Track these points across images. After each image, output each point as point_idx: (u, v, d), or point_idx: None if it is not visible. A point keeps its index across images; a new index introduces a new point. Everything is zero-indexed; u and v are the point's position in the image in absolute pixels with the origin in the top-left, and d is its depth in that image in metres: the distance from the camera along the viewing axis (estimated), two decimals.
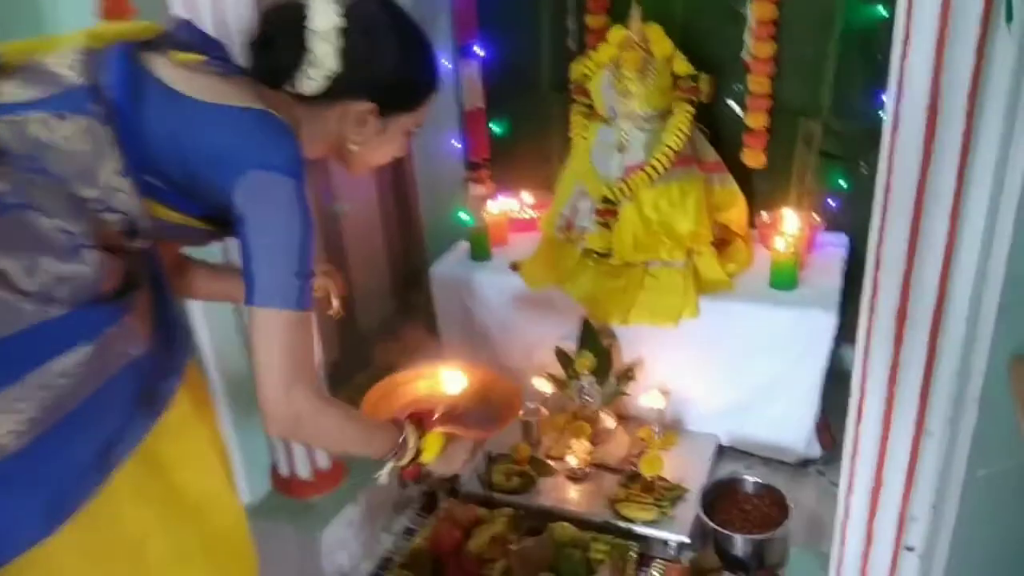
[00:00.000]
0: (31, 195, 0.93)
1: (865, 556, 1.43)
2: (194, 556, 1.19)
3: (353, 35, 1.09)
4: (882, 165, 1.23)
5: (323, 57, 1.08)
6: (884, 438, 1.33)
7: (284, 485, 1.99)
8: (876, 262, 1.27)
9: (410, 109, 1.22)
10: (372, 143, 1.21)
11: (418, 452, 1.26)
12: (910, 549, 1.39)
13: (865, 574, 1.44)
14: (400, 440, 1.23)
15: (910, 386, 1.27)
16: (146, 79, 1.02)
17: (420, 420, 1.32)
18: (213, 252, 1.41)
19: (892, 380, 1.29)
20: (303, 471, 1.94)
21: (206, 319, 1.81)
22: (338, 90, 1.11)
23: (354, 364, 2.73)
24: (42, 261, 0.93)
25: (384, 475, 1.24)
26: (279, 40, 1.10)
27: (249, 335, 1.06)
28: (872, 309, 1.30)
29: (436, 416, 1.38)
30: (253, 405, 1.90)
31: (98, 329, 0.99)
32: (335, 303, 1.65)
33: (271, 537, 1.94)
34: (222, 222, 1.10)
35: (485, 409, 1.57)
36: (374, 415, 1.47)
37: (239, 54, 1.15)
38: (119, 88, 0.99)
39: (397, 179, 2.80)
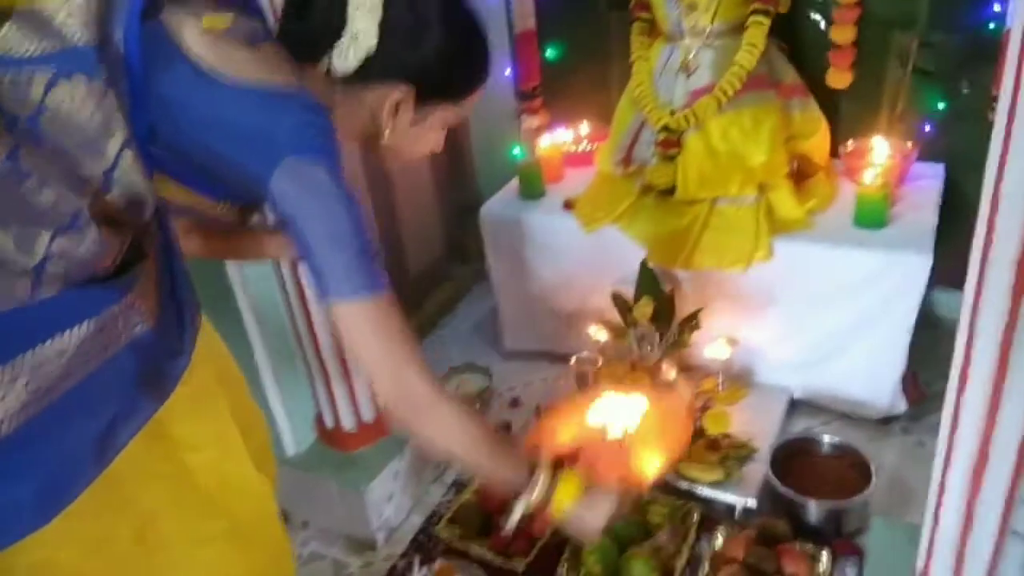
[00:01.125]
0: (28, 163, 0.84)
1: (963, 538, 1.25)
2: (214, 539, 1.11)
3: (397, 8, 0.97)
4: (1007, 81, 1.00)
5: (363, 32, 0.97)
6: (993, 408, 1.13)
7: (329, 437, 1.92)
8: (993, 201, 1.05)
9: (454, 99, 1.08)
10: (408, 133, 1.09)
11: (548, 502, 1.09)
12: (1018, 534, 1.20)
13: (963, 558, 1.26)
14: (532, 480, 1.08)
15: None
16: (166, 42, 0.90)
17: (560, 463, 1.14)
18: None
19: (1007, 343, 1.08)
20: (347, 423, 1.86)
21: (239, 268, 1.71)
22: (375, 70, 1.00)
23: (405, 307, 2.62)
24: (38, 234, 0.84)
25: (511, 521, 1.10)
26: (317, 6, 0.98)
27: (342, 339, 0.99)
28: (985, 257, 1.08)
29: (583, 463, 1.17)
30: (293, 356, 1.85)
31: (97, 307, 0.90)
32: None
33: (316, 489, 1.89)
34: (243, 206, 1.02)
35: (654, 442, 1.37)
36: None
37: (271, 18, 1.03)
38: (133, 48, 0.87)
39: None
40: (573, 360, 2.18)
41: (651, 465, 1.26)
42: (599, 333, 2.17)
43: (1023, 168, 1.00)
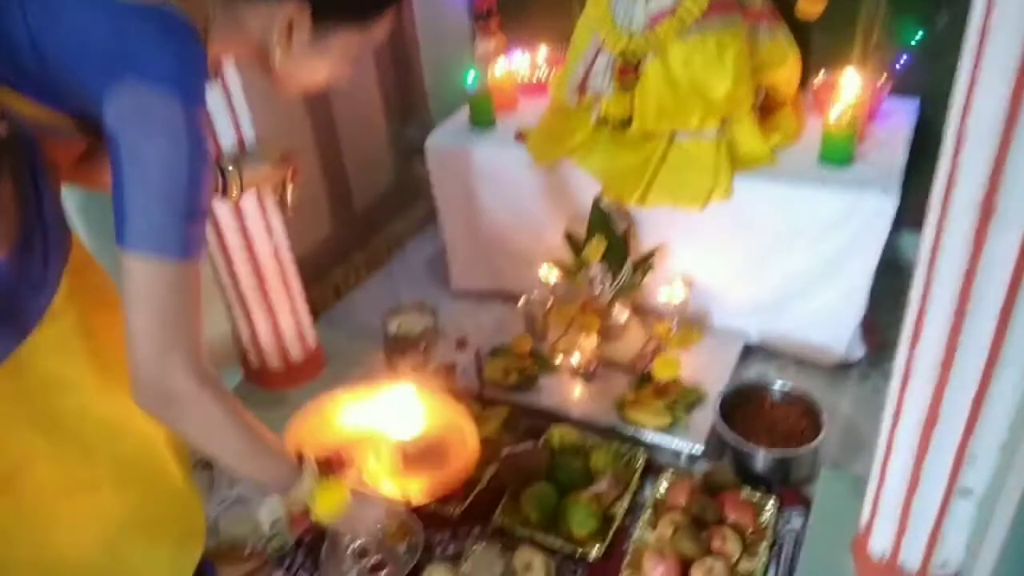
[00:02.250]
0: None
1: (909, 496, 1.19)
2: (94, 487, 1.02)
3: None
4: (977, 6, 0.88)
5: None
6: (947, 363, 1.05)
7: (256, 376, 1.82)
8: (958, 137, 0.94)
9: (358, 22, 0.95)
10: (304, 60, 0.96)
11: (310, 505, 1.08)
12: (966, 493, 1.14)
13: (907, 516, 1.21)
14: (294, 477, 1.05)
15: (988, 299, 0.98)
16: None
17: (329, 464, 1.13)
18: None
19: (965, 291, 0.99)
20: (273, 362, 1.76)
21: None
22: None
23: (349, 242, 2.51)
24: None
25: (264, 513, 1.06)
26: None
27: (121, 289, 0.87)
28: (947, 196, 0.99)
29: (348, 468, 1.18)
30: (212, 286, 1.72)
31: None
32: (289, 195, 1.40)
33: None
34: (96, 128, 0.88)
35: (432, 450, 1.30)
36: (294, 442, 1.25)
37: None
38: None
39: (395, 34, 2.45)
40: (522, 300, 2.08)
41: (421, 484, 1.24)
42: (550, 273, 2.07)
43: (992, 102, 0.89)
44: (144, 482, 1.10)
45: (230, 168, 1.29)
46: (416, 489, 1.20)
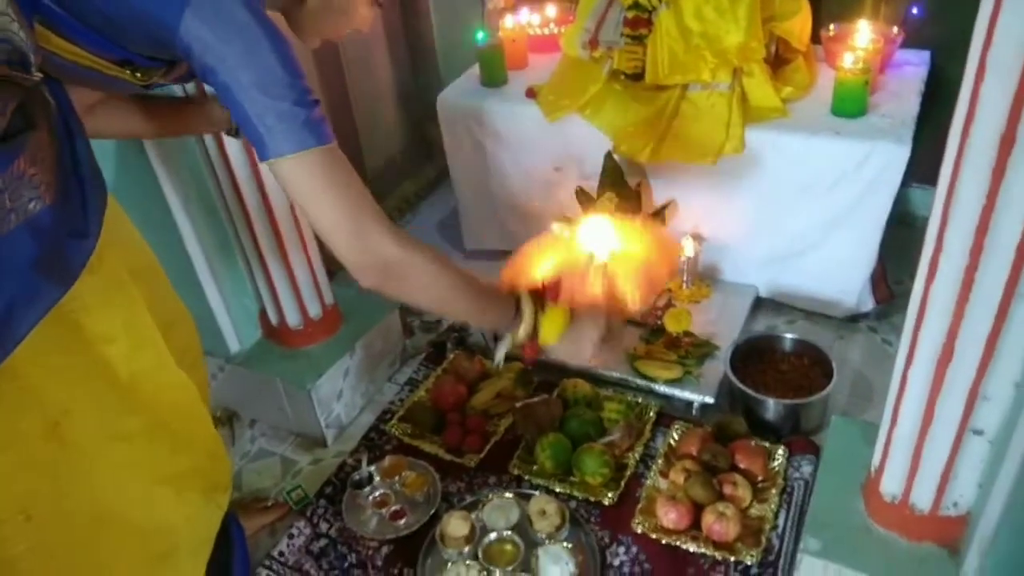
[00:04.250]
0: None
1: (922, 435, 1.20)
2: (133, 436, 1.05)
3: None
4: None
5: None
6: (963, 300, 1.05)
7: (274, 334, 1.84)
8: (980, 68, 0.94)
9: None
10: (323, 7, 1.00)
11: (535, 332, 1.11)
12: (979, 432, 1.15)
13: (919, 455, 1.22)
14: (514, 313, 1.08)
15: (1006, 236, 0.98)
16: None
17: (542, 294, 1.15)
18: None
19: (983, 228, 0.99)
20: (292, 319, 1.78)
21: (164, 153, 1.57)
22: None
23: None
24: None
25: (499, 357, 1.09)
26: None
27: (293, 202, 0.92)
28: (966, 132, 0.99)
29: (567, 292, 1.18)
30: (231, 248, 1.74)
31: None
32: None
33: (263, 388, 1.82)
34: (145, 68, 0.91)
35: (640, 268, 1.33)
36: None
37: None
38: None
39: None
40: None
41: (633, 291, 1.26)
42: (562, 230, 2.07)
43: (1017, 32, 0.89)
44: (177, 433, 1.12)
45: None
46: (631, 297, 1.25)
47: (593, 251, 1.37)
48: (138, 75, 0.96)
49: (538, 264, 1.37)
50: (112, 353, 1.00)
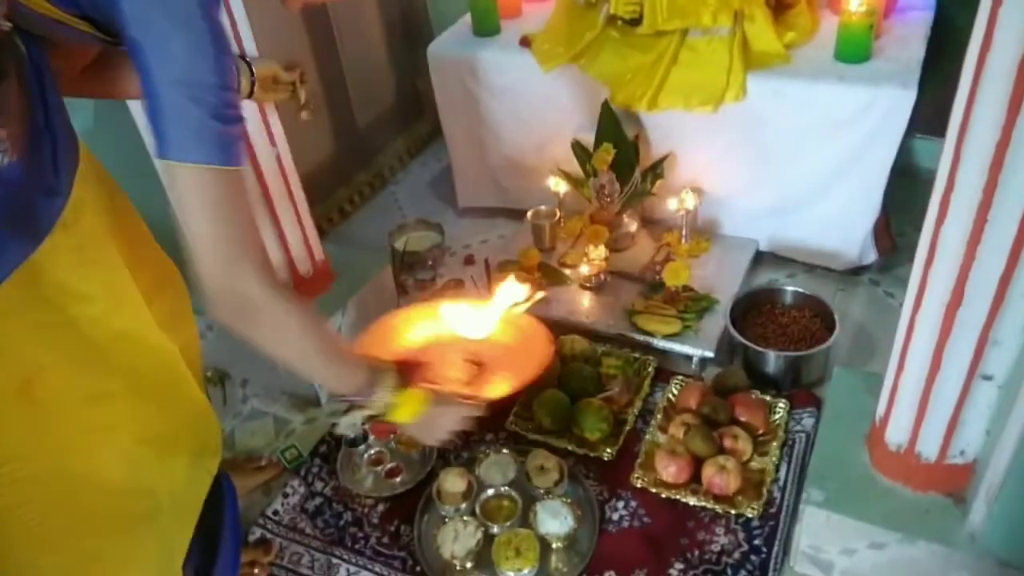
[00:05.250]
0: None
1: (929, 382, 1.17)
2: (110, 397, 1.01)
3: None
4: None
5: None
6: (974, 241, 1.02)
7: None
8: (994, 5, 0.89)
9: None
10: None
11: (390, 409, 1.05)
12: (987, 378, 1.13)
13: (926, 403, 1.19)
14: (372, 388, 1.02)
15: (1019, 172, 0.94)
16: None
17: (408, 370, 1.09)
18: None
19: (996, 165, 0.95)
20: (281, 275, 1.73)
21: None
22: None
23: (353, 162, 2.46)
24: None
25: (345, 427, 1.04)
26: None
27: (177, 209, 0.84)
28: (980, 66, 0.94)
29: (430, 374, 1.13)
30: None
31: None
32: (302, 94, 1.38)
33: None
34: (108, 31, 0.86)
35: (505, 358, 1.27)
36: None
37: None
38: None
39: None
40: (530, 213, 2.05)
41: (498, 387, 1.21)
42: (558, 185, 2.03)
43: None
44: (160, 396, 1.09)
45: (240, 60, 1.28)
46: (495, 388, 1.19)
47: (462, 333, 1.31)
48: (102, 34, 0.91)
49: (402, 337, 1.31)
50: (90, 313, 0.96)
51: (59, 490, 0.98)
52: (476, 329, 1.33)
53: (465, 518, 1.41)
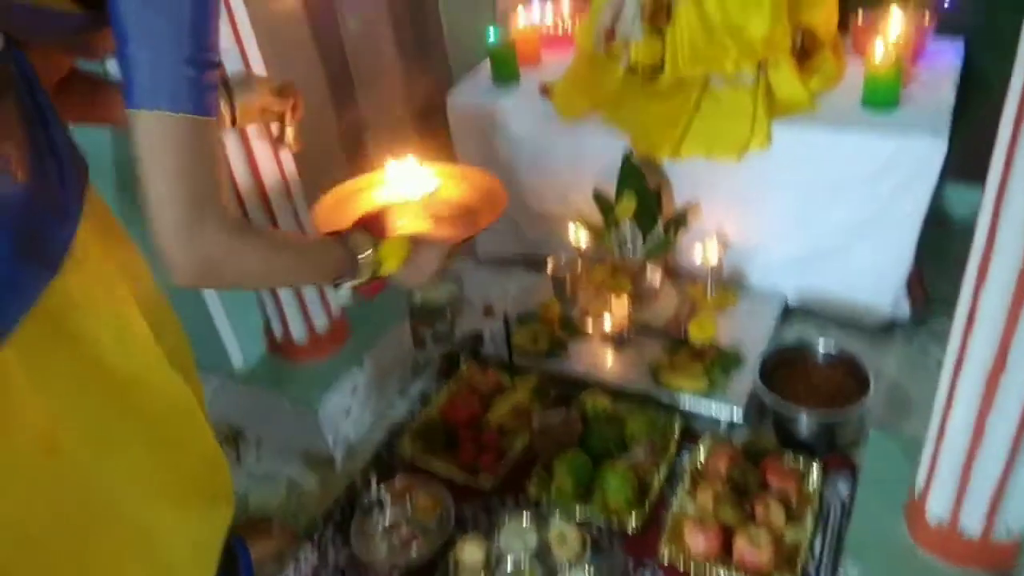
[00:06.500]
0: None
1: (970, 454, 1.10)
2: (129, 443, 0.98)
3: None
4: None
5: None
6: (1017, 303, 0.96)
7: (279, 349, 1.77)
8: None
9: None
10: None
11: (378, 264, 1.05)
12: None
13: (968, 475, 1.12)
14: (354, 256, 1.02)
15: None
16: None
17: (375, 227, 1.11)
18: None
19: None
20: (298, 333, 1.71)
21: None
22: None
23: None
24: None
25: (342, 297, 1.03)
26: None
27: (132, 152, 0.79)
28: (1018, 125, 0.89)
29: (391, 221, 1.14)
30: None
31: None
32: (289, 133, 1.34)
33: (269, 405, 1.75)
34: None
35: (462, 211, 1.31)
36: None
37: None
38: None
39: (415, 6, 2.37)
40: (550, 264, 2.00)
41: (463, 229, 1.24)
42: (578, 235, 1.99)
43: None
44: (174, 441, 1.06)
45: (223, 87, 1.23)
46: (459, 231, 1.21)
47: (407, 194, 1.35)
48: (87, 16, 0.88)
49: (354, 207, 1.34)
50: (101, 354, 0.94)
51: (79, 541, 0.95)
52: (423, 186, 1.37)
53: None
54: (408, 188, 1.38)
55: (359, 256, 1.03)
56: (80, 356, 0.91)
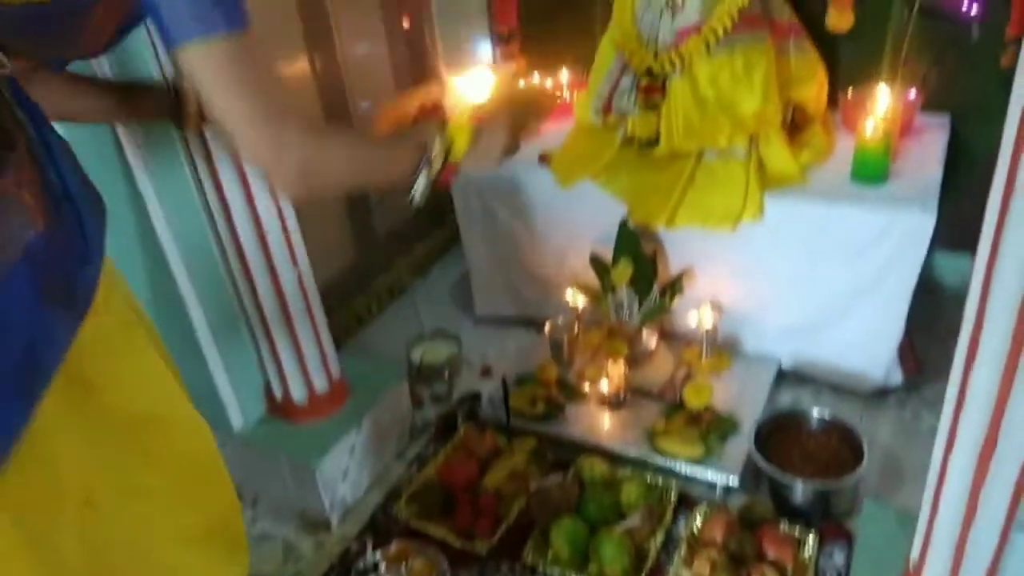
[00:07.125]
0: None
1: (964, 529, 1.11)
2: (153, 492, 0.98)
3: None
4: None
5: None
6: (1007, 382, 0.98)
7: (278, 409, 1.77)
8: (1020, 136, 0.88)
9: None
10: None
11: (449, 143, 1.03)
12: None
13: (963, 550, 1.13)
14: (425, 143, 1.00)
15: None
16: None
17: (437, 116, 1.09)
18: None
19: None
20: (297, 394, 1.72)
21: (169, 224, 1.53)
22: None
23: (372, 268, 2.48)
24: None
25: (420, 192, 1.03)
26: None
27: (200, 94, 0.81)
28: (1006, 202, 0.93)
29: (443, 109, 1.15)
30: (237, 320, 1.69)
31: None
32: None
33: (266, 465, 1.75)
34: None
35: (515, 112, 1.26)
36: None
37: None
38: None
39: (414, 57, 2.45)
40: (548, 326, 2.03)
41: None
42: (576, 298, 2.02)
43: None
44: (195, 489, 1.06)
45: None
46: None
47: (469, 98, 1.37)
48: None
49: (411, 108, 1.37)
50: (121, 403, 0.94)
51: None
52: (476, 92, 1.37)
53: None
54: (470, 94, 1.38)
55: (431, 147, 1.02)
56: (99, 406, 0.91)
